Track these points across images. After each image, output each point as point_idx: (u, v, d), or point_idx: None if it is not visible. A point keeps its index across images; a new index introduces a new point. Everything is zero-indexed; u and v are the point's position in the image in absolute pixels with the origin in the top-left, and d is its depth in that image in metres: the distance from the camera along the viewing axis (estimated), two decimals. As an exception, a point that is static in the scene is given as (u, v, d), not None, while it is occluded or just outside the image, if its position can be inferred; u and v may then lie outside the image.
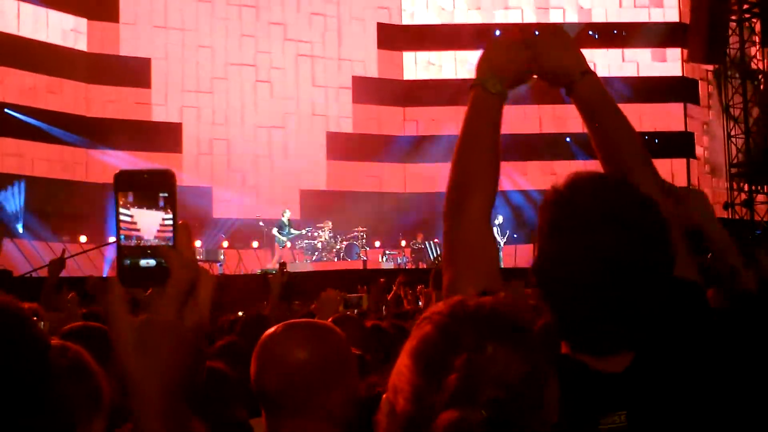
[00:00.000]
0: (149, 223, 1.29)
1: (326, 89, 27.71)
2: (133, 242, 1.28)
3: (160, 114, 25.92)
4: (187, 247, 1.28)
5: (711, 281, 3.36)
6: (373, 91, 27.78)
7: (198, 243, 21.46)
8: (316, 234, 22.37)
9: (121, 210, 1.28)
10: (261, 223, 22.69)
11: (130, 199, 1.29)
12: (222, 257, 21.94)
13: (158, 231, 1.29)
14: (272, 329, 2.30)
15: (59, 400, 1.56)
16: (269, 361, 2.24)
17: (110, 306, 1.25)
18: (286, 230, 21.89)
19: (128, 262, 1.28)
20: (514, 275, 5.40)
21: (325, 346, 2.27)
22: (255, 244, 23.65)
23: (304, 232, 22.26)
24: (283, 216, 22.34)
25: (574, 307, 1.95)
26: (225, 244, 22.89)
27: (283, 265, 19.95)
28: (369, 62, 28.27)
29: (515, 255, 22.66)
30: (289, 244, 22.16)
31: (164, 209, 1.29)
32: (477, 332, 1.31)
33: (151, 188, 1.29)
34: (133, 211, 1.28)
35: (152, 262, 1.27)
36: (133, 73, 25.32)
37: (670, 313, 1.95)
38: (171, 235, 1.29)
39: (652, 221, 1.97)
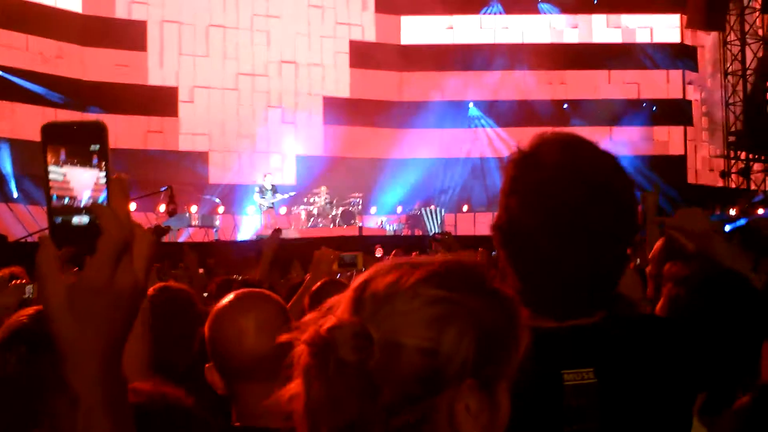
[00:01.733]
0: (83, 182, 1.21)
1: (322, 53, 27.53)
2: (67, 202, 1.20)
3: (156, 78, 25.75)
4: (120, 204, 1.20)
5: None
6: (371, 55, 27.62)
7: (194, 209, 21.42)
8: (312, 200, 22.32)
9: (52, 168, 1.20)
10: (216, 200, 22.71)
11: (62, 156, 1.20)
12: (217, 223, 21.90)
13: (93, 191, 1.21)
14: (223, 301, 2.41)
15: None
16: (218, 331, 2.35)
17: (40, 266, 1.18)
18: (268, 194, 21.79)
19: (59, 219, 1.20)
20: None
21: (265, 313, 2.36)
22: (249, 210, 23.61)
23: (286, 196, 22.15)
24: (264, 180, 22.23)
25: (537, 268, 1.88)
26: (221, 209, 22.85)
27: (277, 231, 20.00)
28: (367, 27, 28.08)
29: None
30: (266, 207, 21.97)
31: (98, 166, 1.21)
32: None
33: (82, 141, 1.21)
34: (66, 169, 1.20)
35: (85, 220, 1.20)
36: (129, 36, 25.14)
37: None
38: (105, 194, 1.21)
39: (619, 184, 1.91)
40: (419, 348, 1.22)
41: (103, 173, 1.21)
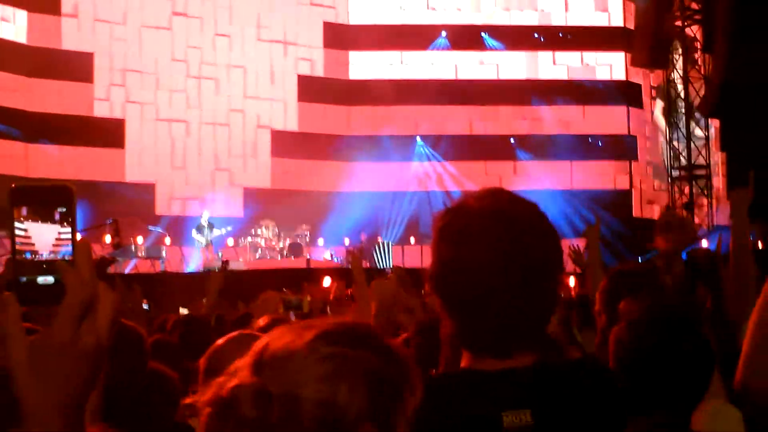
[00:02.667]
0: (44, 236, 1.24)
1: (273, 87, 27.57)
2: (28, 257, 1.23)
3: (102, 109, 25.58)
4: (85, 264, 1.22)
5: None
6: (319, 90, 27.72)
7: (140, 240, 21.25)
8: (259, 232, 22.26)
9: (18, 224, 1.23)
10: (159, 229, 22.62)
11: (24, 212, 1.24)
12: (164, 254, 21.74)
13: (53, 245, 1.24)
14: (219, 342, 2.64)
15: None
16: (218, 362, 2.49)
17: (5, 325, 1.19)
18: (205, 231, 21.72)
19: (24, 279, 1.23)
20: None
21: None
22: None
23: (223, 232, 22.11)
24: (201, 217, 22.17)
25: (471, 310, 1.94)
26: (167, 240, 22.68)
27: (225, 263, 19.95)
28: (316, 61, 28.20)
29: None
30: (204, 244, 21.87)
31: (60, 223, 1.24)
32: None
33: (48, 203, 1.25)
34: (27, 224, 1.23)
35: (50, 279, 1.22)
36: (76, 67, 24.97)
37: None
38: (67, 249, 1.24)
39: (540, 223, 1.99)
40: (317, 400, 1.30)
41: (67, 230, 1.24)
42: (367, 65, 28.57)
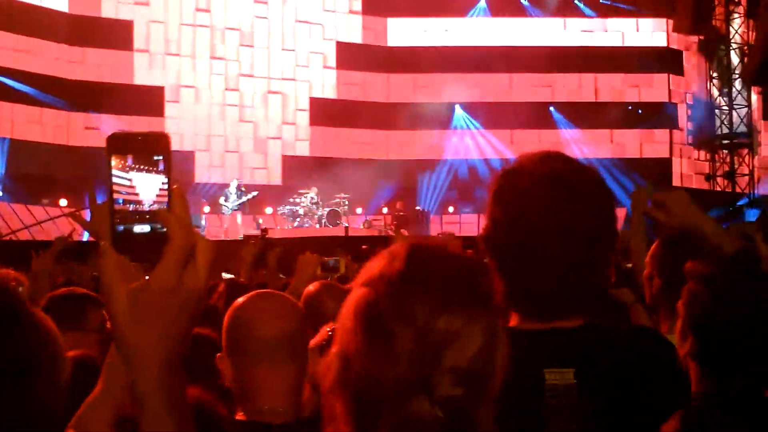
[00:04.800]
0: (149, 186, 1.23)
1: (311, 55, 27.54)
2: (132, 207, 1.23)
3: (142, 77, 25.72)
4: (183, 212, 1.23)
5: None
6: (358, 57, 27.65)
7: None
8: (299, 200, 22.27)
9: (119, 173, 1.22)
10: (203, 199, 22.76)
11: (129, 162, 1.23)
12: (203, 222, 21.86)
13: (157, 195, 1.24)
14: (245, 300, 2.58)
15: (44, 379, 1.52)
16: (239, 318, 2.54)
17: (103, 274, 1.20)
18: (232, 197, 21.77)
19: (122, 228, 1.23)
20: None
21: (280, 303, 2.61)
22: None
23: (250, 197, 22.06)
24: (230, 185, 22.26)
25: (522, 272, 1.95)
26: (206, 209, 22.80)
27: (264, 231, 20.00)
28: (353, 28, 28.11)
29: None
30: (230, 211, 21.89)
31: (163, 172, 1.24)
32: (429, 305, 1.30)
33: (147, 151, 1.24)
34: (132, 174, 1.23)
35: (147, 228, 1.23)
36: (116, 35, 25.09)
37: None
38: (167, 199, 1.24)
39: (598, 190, 1.99)
40: None
41: (167, 180, 1.24)
42: (405, 32, 28.42)
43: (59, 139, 24.13)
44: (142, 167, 1.23)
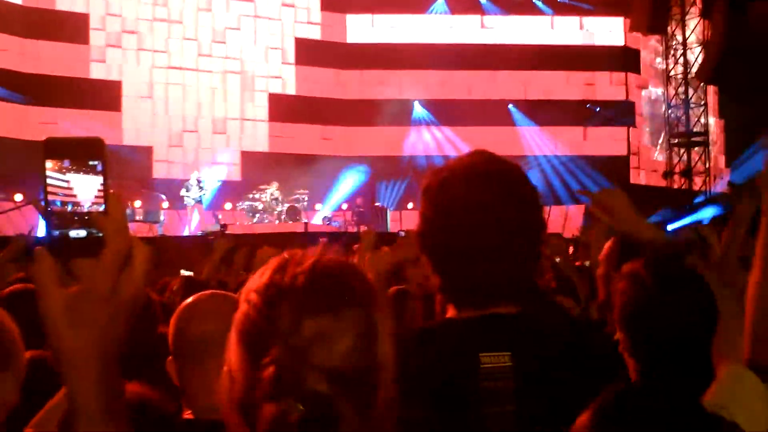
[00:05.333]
0: (87, 187, 1.24)
1: (268, 51, 27.44)
2: (69, 208, 1.23)
3: (99, 71, 25.46)
4: (120, 215, 1.23)
5: None
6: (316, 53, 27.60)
7: (137, 203, 21.21)
8: (258, 196, 22.18)
9: (56, 175, 1.23)
10: (162, 196, 22.65)
11: (66, 164, 1.24)
12: (162, 218, 21.72)
13: (96, 197, 1.24)
14: (188, 301, 2.65)
15: None
16: (181, 328, 2.58)
17: (38, 279, 1.20)
18: (193, 190, 21.73)
19: (57, 233, 1.23)
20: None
21: (217, 302, 2.62)
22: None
23: (211, 188, 22.05)
24: (190, 178, 22.19)
25: (454, 263, 2.04)
26: (165, 204, 22.65)
27: (223, 227, 19.90)
28: (313, 27, 28.05)
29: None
30: (192, 203, 21.85)
31: (101, 173, 1.25)
32: (293, 310, 1.33)
33: (83, 156, 1.25)
34: (70, 176, 1.24)
35: (82, 233, 1.23)
36: (71, 28, 24.81)
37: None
38: (104, 202, 1.25)
39: (522, 186, 2.08)
40: None
41: (103, 181, 1.25)
42: (364, 29, 28.41)
43: (14, 133, 23.80)
44: (80, 169, 1.24)
